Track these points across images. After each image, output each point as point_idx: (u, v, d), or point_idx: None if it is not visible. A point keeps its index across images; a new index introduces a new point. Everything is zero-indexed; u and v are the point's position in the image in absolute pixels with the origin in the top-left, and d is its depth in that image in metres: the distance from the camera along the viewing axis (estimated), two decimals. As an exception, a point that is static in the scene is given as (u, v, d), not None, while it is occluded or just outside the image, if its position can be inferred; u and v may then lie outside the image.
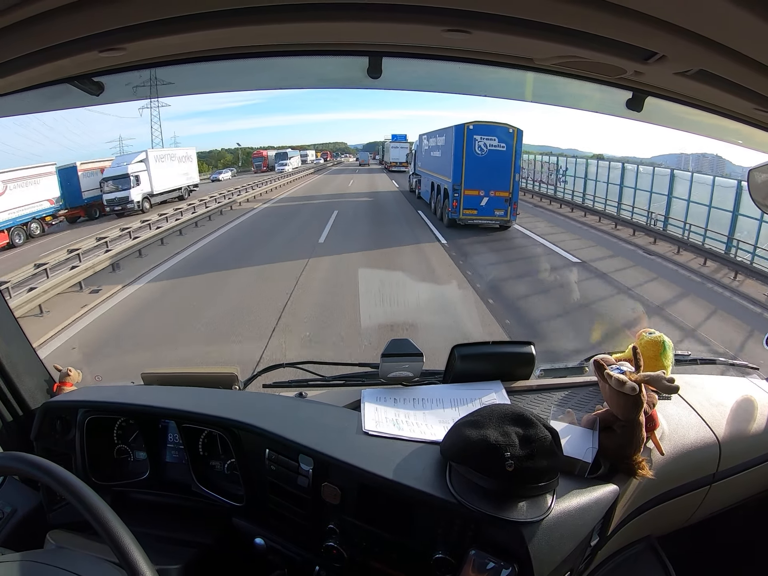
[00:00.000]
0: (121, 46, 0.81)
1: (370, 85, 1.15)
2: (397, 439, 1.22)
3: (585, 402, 1.38)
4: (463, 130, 13.32)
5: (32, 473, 0.88)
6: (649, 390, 1.19)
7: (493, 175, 13.18)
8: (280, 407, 1.39)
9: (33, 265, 9.15)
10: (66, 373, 1.61)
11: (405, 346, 1.43)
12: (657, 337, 1.38)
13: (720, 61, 0.75)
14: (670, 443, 1.30)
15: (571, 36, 0.77)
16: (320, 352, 5.50)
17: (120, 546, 0.77)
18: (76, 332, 6.79)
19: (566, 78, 1.03)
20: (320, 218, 15.29)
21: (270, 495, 1.27)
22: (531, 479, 0.99)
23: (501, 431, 1.02)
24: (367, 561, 1.16)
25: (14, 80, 0.89)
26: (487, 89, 1.29)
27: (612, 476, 1.14)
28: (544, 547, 0.97)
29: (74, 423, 1.41)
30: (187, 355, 5.67)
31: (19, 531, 1.38)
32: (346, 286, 8.06)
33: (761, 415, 1.49)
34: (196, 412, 1.34)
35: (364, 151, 67.89)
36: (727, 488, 1.43)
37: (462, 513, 1.01)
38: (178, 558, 1.25)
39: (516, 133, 13.25)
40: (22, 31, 0.69)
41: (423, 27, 0.80)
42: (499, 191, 13.34)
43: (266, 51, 0.98)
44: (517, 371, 1.48)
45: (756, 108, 0.92)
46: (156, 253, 11.70)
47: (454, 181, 13.52)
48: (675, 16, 0.65)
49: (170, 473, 1.44)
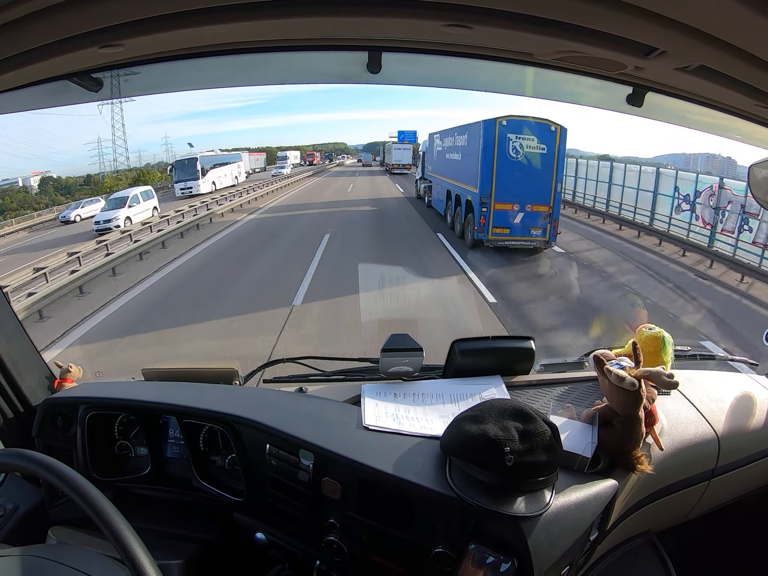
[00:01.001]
0: (120, 42, 0.81)
1: (369, 80, 1.14)
2: (397, 433, 1.22)
3: (584, 397, 1.38)
4: (494, 127, 10.33)
5: (34, 470, 0.88)
6: (648, 385, 1.19)
7: (531, 185, 10.44)
8: (280, 402, 1.39)
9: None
10: (67, 370, 1.61)
11: (405, 341, 1.43)
12: (657, 332, 1.38)
13: (720, 57, 0.75)
14: (670, 438, 1.31)
15: (572, 31, 0.77)
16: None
17: (122, 541, 0.78)
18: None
19: (566, 73, 1.03)
20: (305, 247, 10.97)
21: (270, 490, 1.28)
22: (530, 474, 0.99)
23: (501, 426, 1.02)
24: (367, 555, 1.16)
25: (13, 77, 0.89)
26: (486, 85, 1.29)
27: (611, 471, 1.15)
28: (544, 541, 0.98)
29: (75, 419, 1.42)
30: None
31: (20, 527, 1.39)
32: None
33: (760, 410, 1.49)
34: (196, 408, 1.34)
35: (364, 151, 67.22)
36: (726, 484, 1.43)
37: (462, 507, 1.02)
38: (180, 553, 1.26)
39: (559, 132, 10.33)
40: (21, 28, 0.69)
41: (423, 22, 0.80)
42: (537, 205, 10.55)
43: (266, 46, 0.97)
44: (517, 366, 1.48)
45: (756, 104, 0.92)
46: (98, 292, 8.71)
47: (481, 191, 10.67)
48: (675, 11, 0.64)
49: (171, 469, 1.45)
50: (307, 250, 10.62)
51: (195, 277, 9.57)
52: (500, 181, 10.53)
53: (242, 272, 9.31)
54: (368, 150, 66.00)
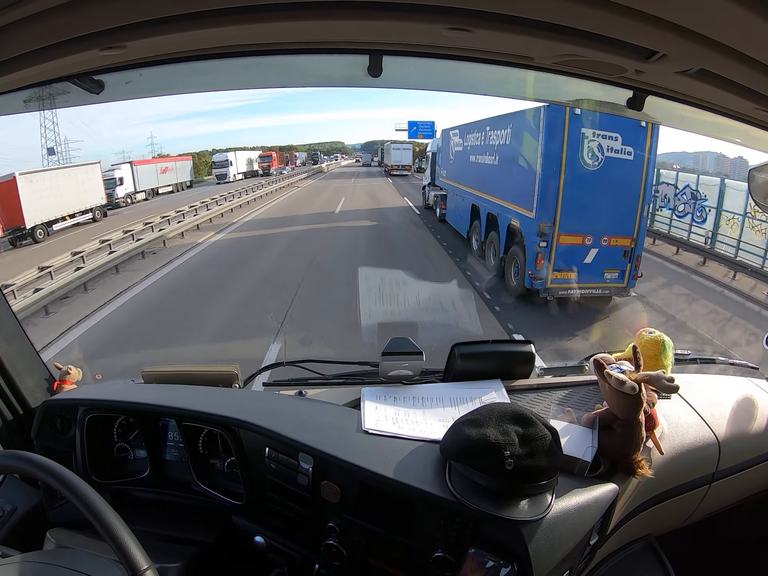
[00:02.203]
0: (121, 45, 0.81)
1: (370, 84, 1.14)
2: (396, 437, 1.22)
3: (585, 401, 1.38)
4: (562, 117, 6.63)
5: (32, 471, 0.88)
6: (648, 389, 1.19)
7: (610, 207, 6.98)
8: (280, 406, 1.39)
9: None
10: (66, 372, 1.61)
11: (405, 345, 1.43)
12: (657, 336, 1.38)
13: (721, 61, 0.75)
14: (670, 442, 1.31)
15: (572, 35, 0.77)
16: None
17: (120, 544, 0.78)
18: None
19: (567, 77, 1.03)
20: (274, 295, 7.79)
21: (270, 493, 1.27)
22: (530, 478, 0.99)
23: (501, 430, 1.02)
24: (366, 559, 1.16)
25: (14, 78, 0.89)
26: (487, 88, 1.29)
27: (611, 475, 1.14)
28: (544, 545, 0.98)
29: (74, 421, 1.41)
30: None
31: (19, 529, 1.38)
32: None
33: (761, 414, 1.49)
34: (196, 411, 1.34)
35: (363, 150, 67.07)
36: (727, 488, 1.43)
37: (461, 511, 1.01)
38: (178, 556, 1.25)
39: (650, 130, 6.83)
40: (22, 29, 0.69)
41: (424, 25, 0.80)
42: (616, 237, 7.15)
43: (267, 49, 0.97)
44: (517, 370, 1.48)
45: (757, 107, 0.92)
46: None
47: (539, 216, 7.08)
48: (676, 15, 0.65)
49: (170, 471, 1.44)
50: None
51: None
52: (569, 202, 6.93)
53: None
54: (367, 149, 65.42)
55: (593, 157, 6.82)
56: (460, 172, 11.75)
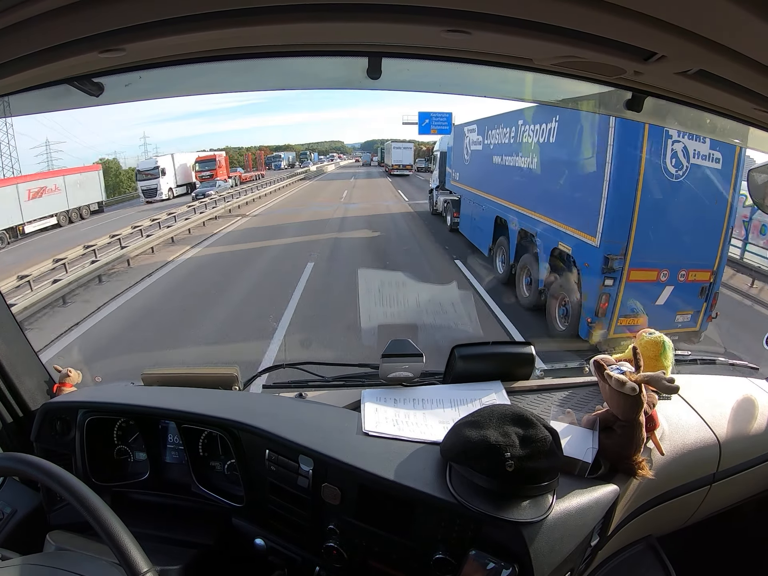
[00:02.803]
0: (121, 47, 0.81)
1: (369, 86, 1.14)
2: (397, 439, 1.22)
3: (585, 402, 1.38)
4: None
5: (32, 474, 0.88)
6: (649, 390, 1.19)
7: (689, 231, 5.31)
8: (280, 408, 1.39)
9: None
10: (66, 374, 1.61)
11: (405, 347, 1.43)
12: (657, 337, 1.38)
13: (720, 61, 0.75)
14: (670, 443, 1.30)
15: (571, 36, 0.77)
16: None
17: (120, 546, 0.77)
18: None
19: (566, 78, 1.03)
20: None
21: (270, 495, 1.27)
22: (531, 479, 0.99)
23: (501, 431, 1.01)
24: (367, 561, 1.15)
25: (13, 81, 0.89)
26: (486, 89, 1.29)
27: (612, 476, 1.14)
28: (545, 547, 0.97)
29: (74, 424, 1.41)
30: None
31: (18, 532, 1.38)
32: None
33: (761, 415, 1.49)
34: (195, 413, 1.34)
35: (362, 149, 67.06)
36: (728, 488, 1.43)
37: (462, 513, 1.01)
38: (178, 558, 1.25)
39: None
40: (21, 32, 0.69)
41: (423, 27, 0.80)
42: (695, 270, 5.49)
43: (266, 52, 0.98)
44: (517, 371, 1.48)
45: (756, 108, 0.92)
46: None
47: (607, 245, 5.26)
48: (675, 16, 0.65)
49: (170, 474, 1.44)
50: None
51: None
52: (645, 224, 5.11)
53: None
54: (366, 148, 65.07)
55: (677, 164, 5.05)
56: (479, 176, 9.72)
